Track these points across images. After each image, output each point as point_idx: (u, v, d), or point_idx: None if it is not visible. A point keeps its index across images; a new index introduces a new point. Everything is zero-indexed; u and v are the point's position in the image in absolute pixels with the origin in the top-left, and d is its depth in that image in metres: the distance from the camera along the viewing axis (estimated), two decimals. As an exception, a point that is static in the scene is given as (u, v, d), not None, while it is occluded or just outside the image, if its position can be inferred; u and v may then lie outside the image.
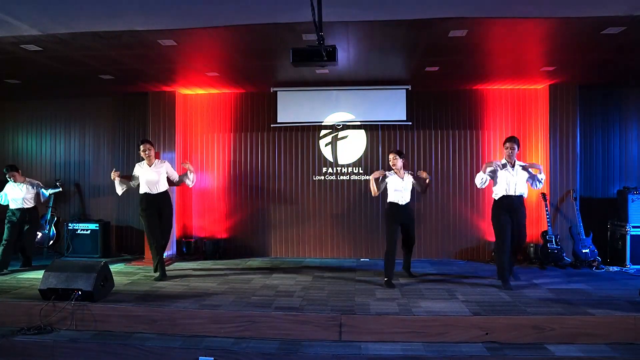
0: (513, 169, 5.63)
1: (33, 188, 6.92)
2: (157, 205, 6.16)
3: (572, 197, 7.19)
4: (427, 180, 5.91)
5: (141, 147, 6.20)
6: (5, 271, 6.57)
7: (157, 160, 6.29)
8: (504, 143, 5.74)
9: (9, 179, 6.84)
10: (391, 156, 5.99)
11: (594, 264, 6.72)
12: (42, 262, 7.14)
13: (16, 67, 6.25)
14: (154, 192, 6.14)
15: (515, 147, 5.65)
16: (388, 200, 5.97)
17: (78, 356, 4.28)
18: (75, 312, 4.73)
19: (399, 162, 5.94)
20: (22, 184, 6.85)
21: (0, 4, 4.18)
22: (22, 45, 5.23)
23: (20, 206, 6.79)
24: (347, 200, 7.89)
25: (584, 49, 5.47)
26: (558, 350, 4.09)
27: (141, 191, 6.18)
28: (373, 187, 5.85)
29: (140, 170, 6.22)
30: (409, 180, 5.99)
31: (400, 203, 5.90)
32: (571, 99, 7.32)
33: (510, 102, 7.72)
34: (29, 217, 6.89)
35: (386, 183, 5.97)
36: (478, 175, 5.73)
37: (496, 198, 5.74)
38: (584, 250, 6.79)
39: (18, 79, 7.00)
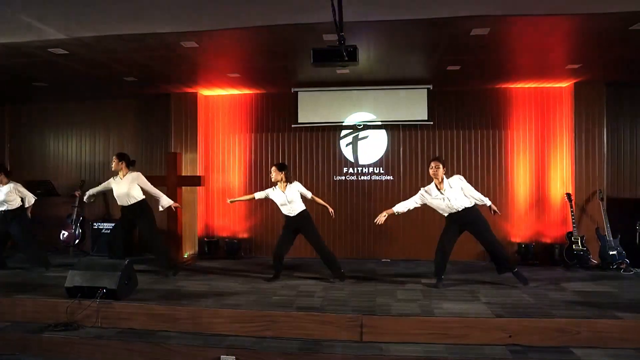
0: (442, 192, 5.58)
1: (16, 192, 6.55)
2: None
3: (598, 197, 7.03)
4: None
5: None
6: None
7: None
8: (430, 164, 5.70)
9: None
10: (272, 169, 6.04)
11: (622, 266, 6.55)
12: (69, 260, 7.29)
13: (43, 71, 6.40)
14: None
15: (441, 165, 5.57)
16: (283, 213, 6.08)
17: (102, 353, 4.36)
18: (100, 310, 4.82)
19: (278, 176, 5.97)
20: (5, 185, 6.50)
21: (29, 9, 4.30)
22: (49, 49, 5.36)
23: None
24: (368, 201, 7.85)
25: (612, 45, 5.33)
26: (584, 355, 4.00)
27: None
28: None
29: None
30: (292, 190, 5.97)
31: (291, 215, 6.03)
32: (598, 96, 7.16)
33: (534, 101, 7.58)
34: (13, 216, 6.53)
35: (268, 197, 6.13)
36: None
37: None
38: (611, 252, 6.61)
39: (45, 82, 7.17)
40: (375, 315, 4.53)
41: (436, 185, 5.62)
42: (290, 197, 5.94)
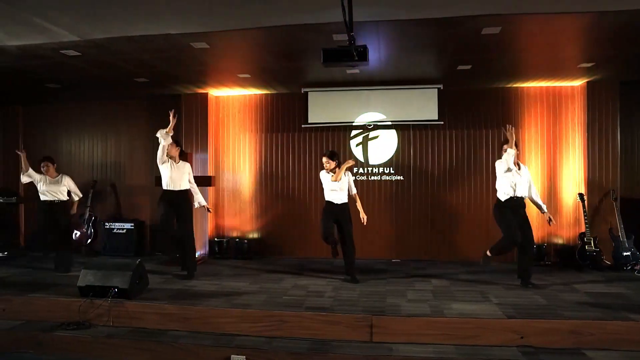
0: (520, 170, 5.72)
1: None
2: None
3: (611, 197, 6.94)
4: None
5: None
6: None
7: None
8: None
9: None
10: (324, 159, 6.11)
11: (636, 268, 6.46)
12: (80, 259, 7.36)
13: (56, 72, 6.48)
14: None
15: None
16: (325, 199, 6.12)
17: (114, 352, 4.40)
18: (112, 309, 4.86)
19: (331, 164, 6.03)
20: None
21: (43, 12, 4.35)
22: (61, 51, 5.42)
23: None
24: (378, 201, 7.84)
25: (626, 43, 5.26)
26: (597, 357, 3.96)
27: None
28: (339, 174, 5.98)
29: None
30: (345, 180, 6.06)
31: (335, 202, 6.03)
32: (611, 95, 7.06)
33: (545, 100, 7.50)
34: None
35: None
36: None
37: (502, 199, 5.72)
38: (624, 253, 6.53)
39: (58, 83, 7.25)
40: (385, 316, 4.52)
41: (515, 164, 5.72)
42: (342, 185, 6.03)
